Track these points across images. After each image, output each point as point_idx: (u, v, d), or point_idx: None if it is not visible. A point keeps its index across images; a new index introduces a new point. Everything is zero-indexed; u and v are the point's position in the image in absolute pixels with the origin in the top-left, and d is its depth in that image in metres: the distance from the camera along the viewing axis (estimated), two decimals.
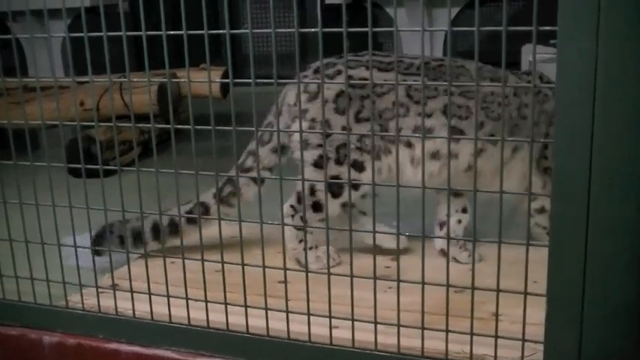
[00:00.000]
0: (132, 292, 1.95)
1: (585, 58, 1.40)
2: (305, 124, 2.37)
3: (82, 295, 2.04)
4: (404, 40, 6.29)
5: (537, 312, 1.59)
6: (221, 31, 1.75)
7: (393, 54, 2.61)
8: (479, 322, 1.68)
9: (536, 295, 1.56)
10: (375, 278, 1.72)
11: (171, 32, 1.74)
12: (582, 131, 1.44)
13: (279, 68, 1.69)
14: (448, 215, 1.97)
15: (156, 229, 2.39)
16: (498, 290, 1.61)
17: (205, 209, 2.46)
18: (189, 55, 1.77)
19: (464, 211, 2.58)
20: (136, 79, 1.94)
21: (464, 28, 1.61)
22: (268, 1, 1.64)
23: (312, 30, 1.68)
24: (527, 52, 4.01)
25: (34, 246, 2.04)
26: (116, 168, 1.90)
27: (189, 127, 1.79)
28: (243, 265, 1.82)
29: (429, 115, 2.37)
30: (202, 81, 1.83)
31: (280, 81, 1.73)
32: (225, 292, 1.84)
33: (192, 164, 1.80)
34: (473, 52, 1.55)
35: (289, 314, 1.82)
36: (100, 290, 2.04)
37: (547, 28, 1.44)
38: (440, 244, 2.53)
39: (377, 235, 1.81)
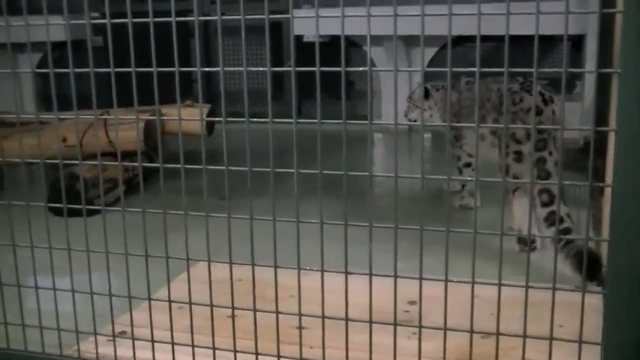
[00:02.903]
0: (153, 341, 1.84)
1: None
2: None
3: (96, 344, 1.92)
4: (382, 80, 6.32)
5: (564, 357, 1.56)
6: (192, 69, 1.72)
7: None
8: None
9: (592, 343, 1.52)
10: (396, 324, 1.65)
11: (140, 69, 1.68)
12: None
13: (252, 105, 1.65)
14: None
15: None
16: (551, 339, 1.56)
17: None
18: (170, 90, 1.67)
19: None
20: (123, 116, 1.88)
21: (436, 69, 1.62)
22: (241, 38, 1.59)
23: (284, 69, 1.72)
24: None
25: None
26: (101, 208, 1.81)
27: (180, 165, 1.71)
28: (255, 310, 1.73)
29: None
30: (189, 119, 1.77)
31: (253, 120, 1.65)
32: (256, 340, 1.74)
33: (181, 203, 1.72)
34: None
35: None
36: (107, 339, 1.95)
37: (517, 69, 1.50)
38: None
39: None
